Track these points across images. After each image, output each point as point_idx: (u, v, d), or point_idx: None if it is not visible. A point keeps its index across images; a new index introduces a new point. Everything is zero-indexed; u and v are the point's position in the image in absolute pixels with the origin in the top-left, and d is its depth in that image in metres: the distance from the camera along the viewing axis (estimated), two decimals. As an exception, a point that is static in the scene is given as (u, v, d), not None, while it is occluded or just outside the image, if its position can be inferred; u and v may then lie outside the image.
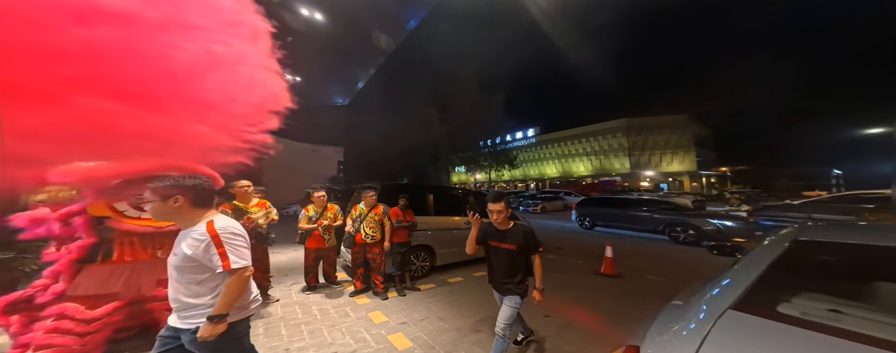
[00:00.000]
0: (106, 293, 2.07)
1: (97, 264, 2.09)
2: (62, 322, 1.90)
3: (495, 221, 1.93)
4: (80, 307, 1.96)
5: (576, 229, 9.61)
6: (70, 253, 2.01)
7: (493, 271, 2.05)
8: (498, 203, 1.87)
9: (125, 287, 2.14)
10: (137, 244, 2.19)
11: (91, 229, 2.05)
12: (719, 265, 1.51)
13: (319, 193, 3.58)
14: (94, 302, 2.01)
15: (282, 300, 3.30)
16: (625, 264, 4.90)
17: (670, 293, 1.47)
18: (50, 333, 1.87)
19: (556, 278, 4.23)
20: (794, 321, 0.90)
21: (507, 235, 1.94)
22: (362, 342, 2.41)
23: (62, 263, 2.00)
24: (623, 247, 6.45)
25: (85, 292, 2.02)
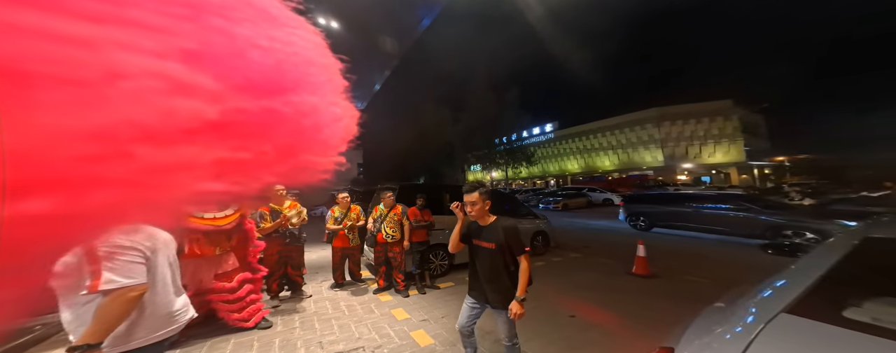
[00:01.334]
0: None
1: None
2: None
3: (471, 214, 1.70)
4: None
5: (623, 229, 8.79)
6: None
7: (475, 275, 1.77)
8: (472, 194, 1.65)
9: (191, 280, 2.46)
10: (202, 241, 2.49)
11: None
12: (776, 267, 1.36)
13: (343, 194, 3.80)
14: None
15: (314, 296, 3.55)
16: (662, 263, 4.60)
17: (714, 296, 1.38)
18: None
19: (582, 278, 4.10)
20: (862, 328, 0.80)
21: (488, 232, 1.69)
22: (386, 338, 2.53)
23: None
24: (660, 246, 6.05)
25: None
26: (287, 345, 2.41)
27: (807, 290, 0.99)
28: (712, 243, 6.41)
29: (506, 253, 1.63)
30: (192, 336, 2.53)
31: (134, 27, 0.72)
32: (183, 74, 0.77)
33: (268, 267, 3.19)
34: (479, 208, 1.67)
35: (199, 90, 0.79)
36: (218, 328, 2.67)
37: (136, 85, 0.70)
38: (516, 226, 1.71)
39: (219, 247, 2.59)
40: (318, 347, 2.37)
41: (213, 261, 2.57)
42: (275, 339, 2.52)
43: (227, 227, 2.56)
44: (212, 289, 2.54)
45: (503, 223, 1.69)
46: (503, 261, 1.64)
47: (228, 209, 2.59)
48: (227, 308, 2.61)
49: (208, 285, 2.54)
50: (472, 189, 1.69)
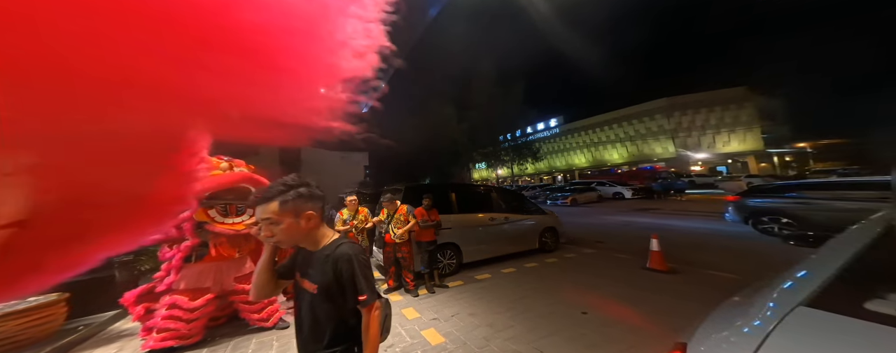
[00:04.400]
0: (202, 287, 2.53)
1: (195, 262, 2.56)
2: (174, 311, 2.37)
3: (273, 240, 0.94)
4: (186, 298, 2.41)
5: (620, 221, 8.82)
6: (180, 251, 2.50)
7: (298, 327, 1.04)
8: (267, 205, 0.90)
9: (214, 282, 2.59)
10: (226, 244, 2.63)
11: (195, 231, 2.51)
12: (792, 257, 1.29)
13: (351, 197, 3.84)
14: (194, 294, 2.46)
15: (325, 297, 3.60)
16: (679, 257, 4.46)
17: (733, 291, 1.32)
18: (166, 319, 2.34)
19: (596, 274, 4.02)
20: (887, 320, 0.75)
21: (315, 263, 0.97)
22: (398, 337, 2.55)
23: (176, 259, 2.49)
24: (678, 239, 5.87)
25: (187, 286, 2.49)
26: None
27: (827, 281, 0.94)
28: (732, 235, 6.18)
29: (334, 300, 0.94)
30: (218, 336, 2.64)
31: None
32: None
33: None
34: (284, 230, 0.91)
35: None
36: (241, 327, 2.78)
37: None
38: (359, 257, 0.96)
39: (239, 250, 2.72)
40: None
41: (233, 264, 2.71)
42: (292, 339, 2.55)
43: (245, 231, 2.67)
44: (234, 291, 2.67)
45: (339, 251, 0.95)
46: (328, 312, 0.95)
47: (245, 214, 2.72)
48: (247, 309, 2.73)
49: (230, 287, 2.66)
50: (268, 197, 0.91)
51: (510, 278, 3.98)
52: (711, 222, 7.80)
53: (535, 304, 3.11)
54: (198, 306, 2.42)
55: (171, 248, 2.57)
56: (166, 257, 2.57)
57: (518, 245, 5.00)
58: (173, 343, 2.34)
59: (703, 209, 10.58)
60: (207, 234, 2.53)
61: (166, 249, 2.61)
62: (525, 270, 4.35)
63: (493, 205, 4.92)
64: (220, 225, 2.55)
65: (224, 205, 2.61)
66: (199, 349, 2.44)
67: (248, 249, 2.81)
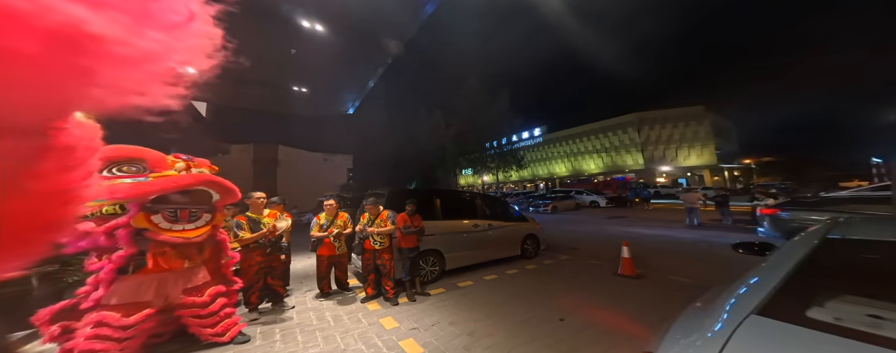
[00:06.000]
0: (139, 301, 2.21)
1: (131, 275, 2.23)
2: (101, 329, 2.04)
3: None
4: (117, 315, 2.09)
5: (607, 232, 9.18)
6: (111, 262, 2.17)
7: None
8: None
9: (156, 295, 2.28)
10: (170, 254, 2.34)
11: (132, 240, 2.20)
12: (748, 266, 1.41)
13: (329, 201, 3.66)
14: (128, 310, 2.14)
15: (297, 307, 3.36)
16: (646, 263, 4.71)
17: (694, 295, 1.40)
18: (90, 339, 2.01)
19: (572, 281, 4.12)
20: (826, 328, 0.82)
21: None
22: (374, 349, 2.42)
23: (106, 271, 2.16)
24: (645, 245, 6.21)
25: (120, 301, 2.16)
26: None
27: (773, 290, 1.01)
28: (687, 242, 6.68)
29: None
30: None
31: None
32: None
33: (245, 279, 3.01)
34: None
35: None
36: (190, 343, 2.48)
37: None
38: None
39: (188, 260, 2.44)
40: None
41: (181, 275, 2.42)
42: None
43: (198, 239, 2.42)
44: (181, 304, 2.37)
45: None
46: None
47: (200, 221, 2.46)
48: (199, 323, 2.44)
49: (177, 301, 2.36)
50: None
51: (492, 286, 3.97)
52: (672, 230, 8.38)
53: (516, 310, 3.11)
54: (132, 323, 2.11)
55: (100, 258, 2.25)
56: (93, 268, 2.24)
57: (501, 252, 5.03)
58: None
59: (666, 217, 11.45)
60: (147, 242, 2.24)
61: (94, 259, 2.28)
62: (506, 277, 4.37)
63: (477, 211, 4.93)
64: (167, 233, 2.27)
65: (174, 210, 2.32)
66: None
67: (199, 258, 2.53)
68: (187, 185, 2.35)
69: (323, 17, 9.11)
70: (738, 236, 7.00)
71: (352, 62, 12.29)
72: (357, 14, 8.92)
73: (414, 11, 9.37)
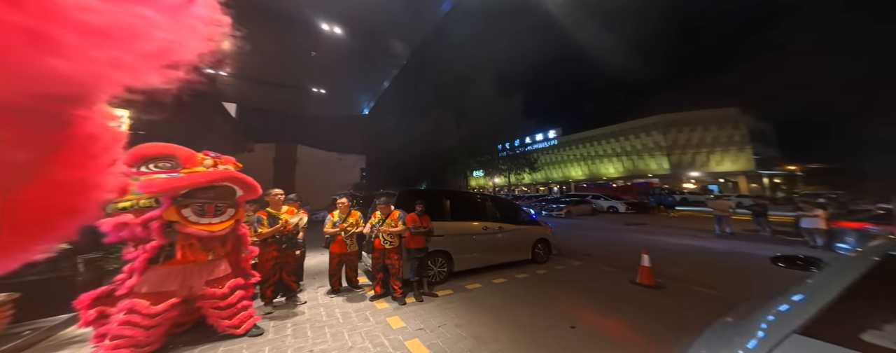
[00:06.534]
0: (166, 291, 2.35)
1: (160, 265, 2.39)
2: (132, 316, 2.18)
3: None
4: (146, 303, 2.23)
5: (628, 239, 8.65)
6: (144, 252, 2.34)
7: None
8: None
9: (181, 286, 2.41)
10: (196, 247, 2.47)
11: (163, 231, 2.36)
12: (787, 281, 1.28)
13: (342, 199, 3.77)
14: (156, 298, 2.28)
15: (309, 302, 3.46)
16: (667, 272, 4.44)
17: (720, 309, 1.30)
18: (122, 325, 2.15)
19: (584, 287, 3.96)
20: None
21: None
22: (380, 347, 2.44)
23: (139, 260, 2.32)
24: (667, 254, 5.86)
25: (149, 289, 2.31)
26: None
27: (822, 309, 0.92)
28: (715, 252, 6.21)
29: None
30: (181, 344, 2.46)
31: None
32: None
33: (262, 273, 3.14)
34: None
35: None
36: (207, 335, 2.60)
37: None
38: None
39: (212, 252, 2.57)
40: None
41: (204, 267, 2.54)
42: (265, 347, 2.44)
43: (221, 233, 2.54)
44: (202, 295, 2.50)
45: None
46: None
47: (224, 215, 2.58)
48: (217, 315, 2.55)
49: (199, 292, 2.49)
50: None
51: (500, 289, 3.89)
52: (699, 239, 7.84)
53: (524, 316, 3.03)
54: (159, 311, 2.25)
55: (136, 248, 2.41)
56: (130, 257, 2.40)
57: (510, 255, 4.93)
58: (127, 352, 2.15)
59: (693, 226, 10.72)
60: (176, 234, 2.39)
61: (131, 248, 2.44)
62: (516, 281, 4.27)
63: (487, 214, 4.87)
64: (194, 226, 2.40)
65: (201, 204, 2.46)
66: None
67: (222, 251, 2.67)
68: (214, 180, 2.48)
69: (341, 20, 9.49)
70: (777, 248, 6.43)
71: (367, 63, 12.67)
72: (373, 15, 9.19)
73: (428, 12, 9.48)
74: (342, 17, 9.39)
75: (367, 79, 15.72)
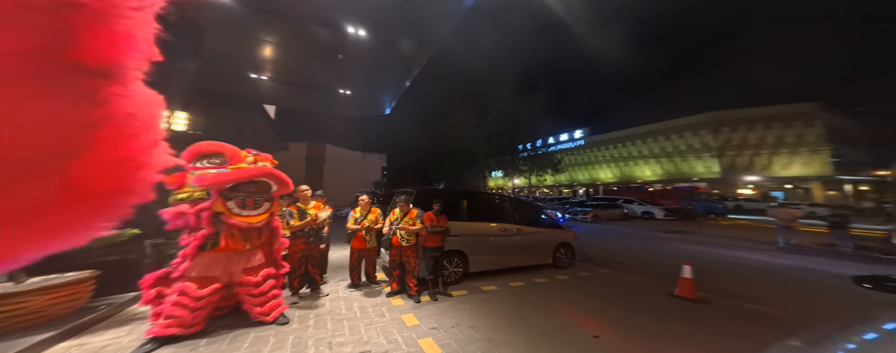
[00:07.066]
0: (211, 276, 2.58)
1: (207, 251, 2.64)
2: (182, 298, 2.43)
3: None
4: (194, 286, 2.47)
5: (666, 249, 7.85)
6: (195, 240, 2.60)
7: None
8: None
9: (223, 272, 2.64)
10: (237, 236, 2.71)
11: (211, 221, 2.62)
12: (872, 305, 1.06)
13: (363, 197, 3.93)
14: (202, 282, 2.53)
15: (330, 295, 3.64)
16: (714, 287, 3.96)
17: (782, 331, 1.11)
18: (174, 306, 2.40)
19: (611, 296, 3.68)
20: None
21: None
22: (394, 344, 2.47)
23: (191, 247, 2.60)
24: (714, 267, 5.24)
25: (197, 274, 2.56)
26: (299, 343, 2.46)
27: None
28: (775, 267, 5.38)
29: None
30: (220, 327, 2.69)
31: None
32: None
33: (291, 264, 3.35)
34: None
35: None
36: (241, 320, 2.82)
37: None
38: None
39: (249, 243, 2.80)
40: (328, 348, 2.39)
41: (243, 255, 2.76)
42: (289, 336, 2.59)
43: (259, 224, 2.77)
44: (240, 282, 2.72)
45: None
46: None
47: (261, 208, 2.79)
48: (251, 301, 2.75)
49: (237, 278, 2.71)
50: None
51: (517, 293, 3.77)
52: (755, 252, 6.88)
53: (541, 322, 2.90)
54: (205, 294, 2.47)
55: (189, 235, 2.67)
56: (184, 243, 2.68)
57: (529, 259, 4.76)
58: (175, 332, 2.36)
59: (747, 236, 9.43)
60: (221, 224, 2.63)
61: (185, 236, 2.72)
62: (534, 285, 4.10)
63: (505, 215, 4.76)
64: (237, 217, 2.64)
65: (243, 198, 2.69)
66: (198, 340, 2.43)
67: (258, 242, 2.89)
68: (255, 176, 2.72)
69: (365, 22, 9.90)
70: (860, 267, 5.41)
71: (390, 64, 13.08)
72: (395, 16, 9.46)
73: (449, 9, 9.46)
74: (367, 19, 9.79)
75: (390, 79, 16.17)
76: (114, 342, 2.40)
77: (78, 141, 0.84)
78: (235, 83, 14.39)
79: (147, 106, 1.11)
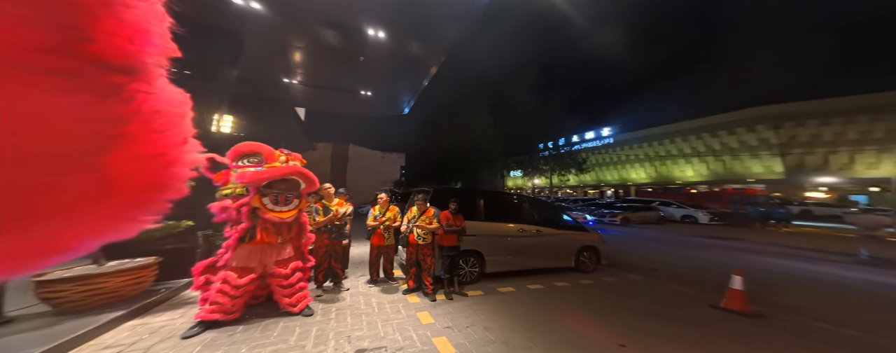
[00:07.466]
0: (248, 266, 2.81)
1: (246, 244, 2.87)
2: (224, 286, 2.66)
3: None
4: (235, 275, 2.71)
5: (685, 250, 7.28)
6: (236, 232, 2.85)
7: None
8: None
9: (258, 263, 2.86)
10: (270, 230, 2.92)
11: (249, 215, 2.86)
12: None
13: (382, 195, 4.06)
14: (241, 272, 2.76)
15: (351, 289, 3.80)
16: (771, 301, 3.51)
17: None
18: (217, 293, 2.65)
19: (641, 304, 3.40)
20: None
21: None
22: (409, 341, 2.51)
23: (233, 238, 2.85)
24: (772, 278, 4.63)
25: (237, 264, 2.80)
26: (321, 335, 2.57)
27: None
28: (862, 284, 4.54)
29: None
30: (254, 315, 2.90)
31: None
32: None
33: (316, 258, 3.55)
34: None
35: None
36: (271, 310, 3.02)
37: None
38: None
39: (281, 237, 3.01)
40: (346, 341, 2.48)
41: (275, 248, 2.97)
42: (313, 328, 2.72)
43: (289, 220, 2.98)
44: (272, 274, 2.92)
45: None
46: None
47: (291, 204, 2.99)
48: (281, 292, 2.94)
49: (270, 270, 2.92)
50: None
51: (535, 295, 3.63)
52: (827, 265, 5.90)
53: (559, 327, 2.77)
54: (243, 284, 2.69)
55: (231, 228, 2.93)
56: (227, 235, 2.95)
57: (549, 261, 4.56)
58: (218, 317, 2.56)
59: (817, 246, 8.11)
60: (257, 219, 2.86)
61: (228, 228, 2.98)
62: (554, 288, 3.93)
63: (524, 215, 4.61)
64: (271, 213, 2.85)
65: (276, 195, 2.90)
66: (236, 326, 2.63)
67: (288, 236, 3.10)
68: (287, 174, 2.93)
69: (384, 24, 10.15)
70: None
71: (408, 63, 13.26)
72: (413, 15, 9.57)
73: (467, 5, 9.32)
74: (384, 20, 9.99)
75: (408, 79, 16.38)
76: (169, 324, 2.70)
77: (109, 136, 0.91)
78: (271, 88, 15.66)
79: (172, 103, 1.18)
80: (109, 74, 0.92)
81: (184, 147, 1.21)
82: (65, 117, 0.83)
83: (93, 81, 0.89)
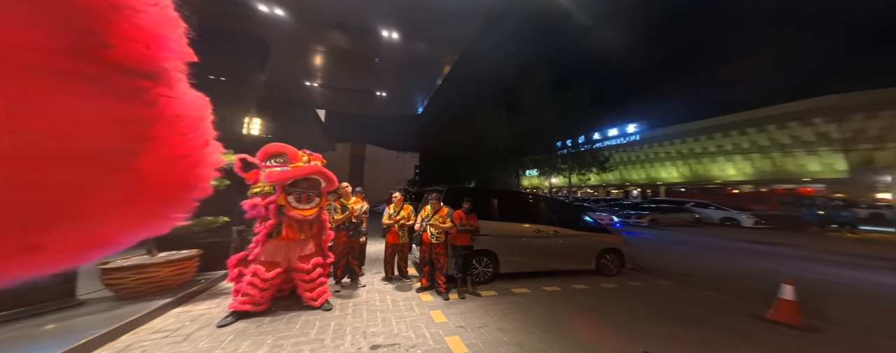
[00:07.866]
0: (275, 261, 2.99)
1: (273, 239, 3.07)
2: (254, 279, 2.85)
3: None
4: (263, 269, 2.89)
5: (724, 256, 6.63)
6: (265, 228, 3.05)
7: None
8: None
9: (284, 258, 3.04)
10: (294, 227, 3.11)
11: (276, 212, 3.05)
12: None
13: (396, 194, 4.15)
14: (269, 266, 2.94)
15: (367, 286, 3.91)
16: (828, 314, 3.15)
17: None
18: (248, 285, 2.84)
19: (671, 311, 3.17)
20: None
21: None
22: (422, 339, 2.53)
23: (262, 234, 3.05)
24: (830, 289, 4.13)
25: (265, 259, 2.98)
26: (339, 329, 2.65)
27: None
28: None
29: None
30: (279, 308, 3.06)
31: None
32: None
33: (335, 255, 3.70)
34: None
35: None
36: (293, 303, 3.17)
37: None
38: None
39: (304, 233, 3.18)
40: (362, 337, 2.55)
41: (298, 244, 3.14)
42: (331, 322, 2.83)
43: (311, 217, 3.14)
44: (296, 268, 3.09)
45: None
46: None
47: (313, 202, 3.15)
48: (303, 287, 3.10)
49: (294, 265, 3.08)
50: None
51: (552, 298, 3.51)
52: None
53: (577, 331, 2.65)
54: (270, 277, 2.87)
55: (261, 224, 3.15)
56: (257, 230, 3.17)
57: (567, 263, 4.38)
58: (248, 308, 2.73)
59: (892, 255, 7.01)
60: (283, 216, 3.06)
61: (258, 224, 3.20)
62: (572, 291, 3.77)
63: (541, 216, 4.47)
64: (295, 210, 3.02)
65: (299, 193, 3.07)
66: (263, 317, 2.78)
67: (310, 233, 3.27)
68: (309, 173, 3.09)
69: (397, 25, 10.31)
70: None
71: (422, 63, 13.34)
72: (426, 14, 9.61)
73: (481, 2, 9.15)
74: (397, 21, 10.13)
75: (422, 79, 16.43)
76: (207, 312, 2.94)
77: (138, 138, 0.99)
78: (294, 91, 16.59)
79: (192, 107, 1.25)
80: (131, 78, 0.97)
81: (206, 149, 1.30)
82: (94, 119, 0.87)
83: (116, 84, 0.92)
